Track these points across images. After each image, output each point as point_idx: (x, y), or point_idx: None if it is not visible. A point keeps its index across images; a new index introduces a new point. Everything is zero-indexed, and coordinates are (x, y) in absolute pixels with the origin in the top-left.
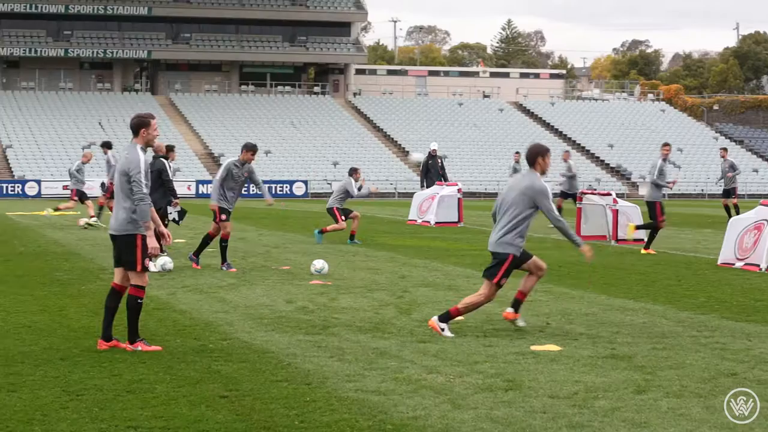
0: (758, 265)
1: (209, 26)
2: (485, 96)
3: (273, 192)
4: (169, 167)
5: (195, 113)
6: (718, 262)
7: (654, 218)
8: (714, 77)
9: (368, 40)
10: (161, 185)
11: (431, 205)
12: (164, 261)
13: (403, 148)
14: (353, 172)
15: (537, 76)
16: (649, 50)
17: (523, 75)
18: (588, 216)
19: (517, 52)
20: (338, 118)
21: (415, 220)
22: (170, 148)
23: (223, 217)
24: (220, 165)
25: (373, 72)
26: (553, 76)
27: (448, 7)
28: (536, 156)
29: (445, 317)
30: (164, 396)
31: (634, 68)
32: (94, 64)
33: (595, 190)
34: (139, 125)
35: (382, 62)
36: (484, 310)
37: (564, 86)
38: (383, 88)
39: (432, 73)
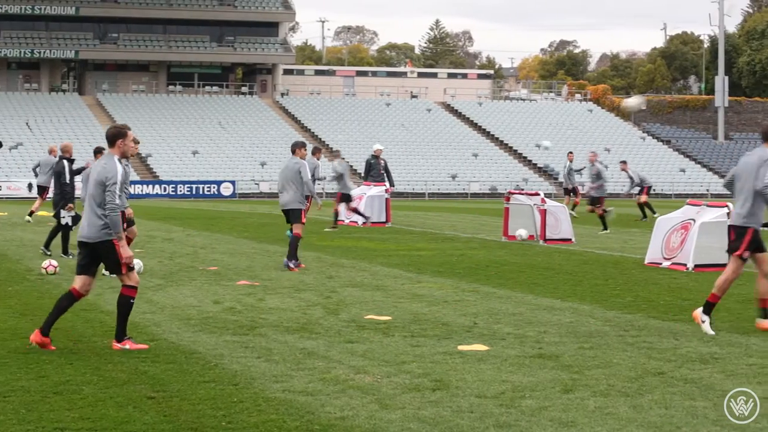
0: (685, 265)
1: (137, 26)
2: (413, 96)
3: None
4: (69, 170)
5: (122, 113)
6: (645, 262)
7: None
8: (641, 77)
9: (296, 40)
10: (59, 187)
11: (359, 206)
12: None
13: (331, 148)
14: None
15: (465, 76)
16: (576, 50)
17: (451, 75)
18: (516, 216)
19: (444, 53)
20: (266, 118)
21: (343, 221)
22: (98, 150)
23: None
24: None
25: (301, 72)
26: (480, 77)
27: (376, 8)
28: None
29: (708, 308)
30: (91, 397)
31: (561, 68)
32: (21, 64)
33: (523, 190)
34: (116, 136)
35: (309, 62)
36: (410, 309)
37: (492, 86)
38: (311, 88)
39: (360, 74)
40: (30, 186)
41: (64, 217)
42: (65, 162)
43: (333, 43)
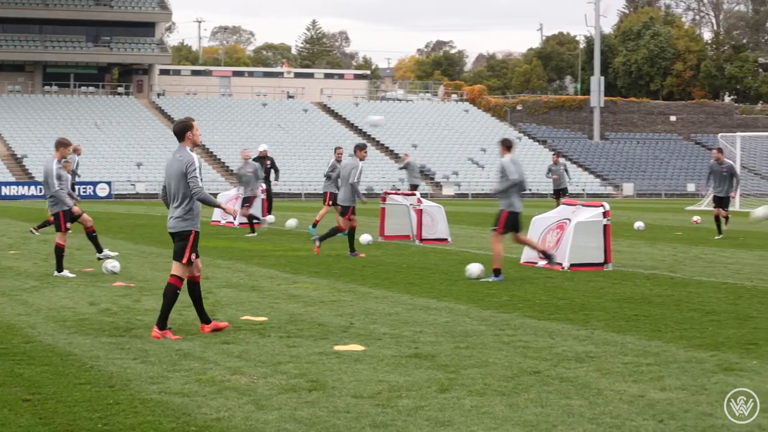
0: (561, 264)
1: (12, 26)
2: (289, 96)
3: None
4: None
5: None
6: (521, 261)
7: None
8: (517, 78)
9: (172, 40)
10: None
11: (235, 206)
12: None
13: (207, 148)
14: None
15: (341, 76)
16: (453, 51)
17: (328, 75)
18: (392, 215)
19: (321, 53)
20: (142, 118)
21: (219, 221)
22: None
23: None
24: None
25: (177, 72)
26: (357, 77)
27: (253, 8)
28: None
29: None
30: None
31: (438, 69)
32: None
33: (399, 190)
34: (185, 129)
35: (186, 63)
36: (287, 310)
37: (368, 87)
38: (187, 88)
39: (236, 74)
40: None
41: None
42: None
43: (209, 43)
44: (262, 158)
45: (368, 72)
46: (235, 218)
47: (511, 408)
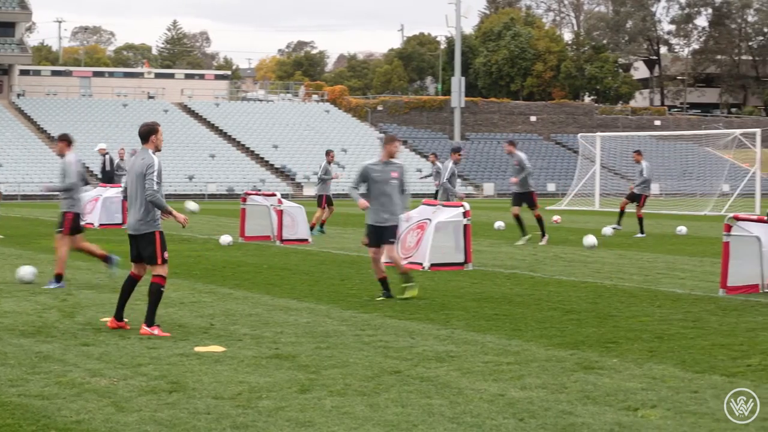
0: (421, 264)
1: None
2: (150, 97)
3: None
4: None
5: None
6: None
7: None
8: (378, 78)
9: (32, 40)
10: None
11: (95, 207)
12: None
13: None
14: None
15: (202, 77)
16: (314, 51)
17: (188, 76)
18: (252, 216)
19: (182, 53)
20: (2, 119)
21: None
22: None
23: None
24: None
25: (38, 73)
26: (218, 77)
27: (113, 8)
28: None
29: None
30: None
31: (299, 69)
32: None
33: (260, 190)
34: (150, 132)
35: (46, 63)
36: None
37: (229, 87)
38: (47, 89)
39: (96, 74)
40: None
41: None
42: None
43: (70, 43)
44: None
45: (229, 72)
46: (183, 226)
47: (372, 408)
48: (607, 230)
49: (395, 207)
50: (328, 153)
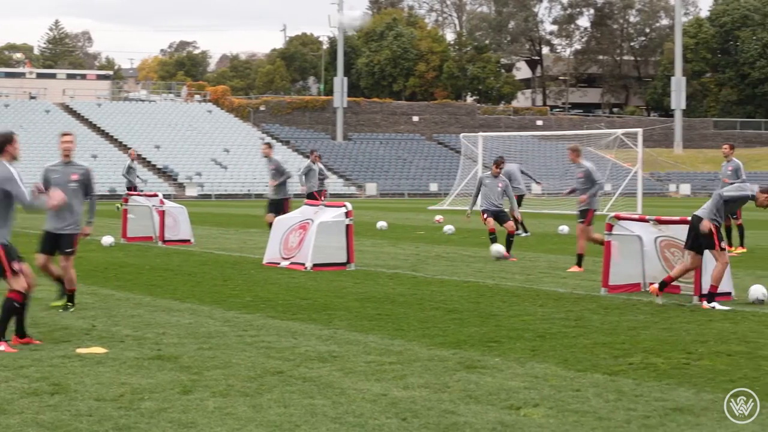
0: (303, 264)
1: None
2: (32, 97)
3: None
4: None
5: None
6: (264, 262)
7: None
8: (261, 78)
9: None
10: None
11: None
12: None
13: None
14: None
15: (84, 77)
16: (196, 51)
17: (70, 76)
18: (135, 217)
19: (64, 53)
20: None
21: None
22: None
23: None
24: None
25: None
26: (100, 77)
27: None
28: None
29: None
30: None
31: (181, 69)
32: None
33: (142, 191)
34: (4, 142)
35: None
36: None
37: (111, 87)
38: None
39: None
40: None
41: None
42: None
43: None
44: None
45: (111, 72)
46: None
47: (255, 408)
48: (563, 228)
49: (74, 215)
50: (312, 153)
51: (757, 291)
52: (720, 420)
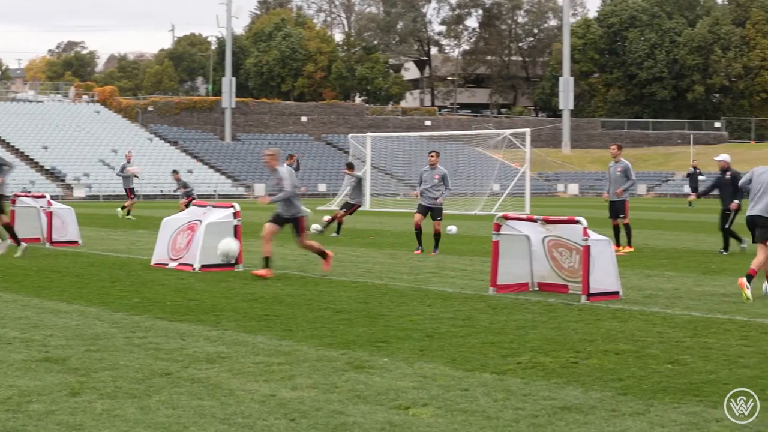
0: (191, 265)
1: None
2: None
3: None
4: None
5: None
6: (152, 263)
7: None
8: (149, 79)
9: None
10: None
11: None
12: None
13: None
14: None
15: None
16: (84, 52)
17: None
18: (22, 218)
19: None
20: None
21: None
22: None
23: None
24: None
25: None
26: None
27: None
28: None
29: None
30: None
31: (69, 70)
32: None
33: (30, 192)
34: None
35: None
36: None
37: None
38: None
39: None
40: None
41: None
42: None
43: None
44: None
45: None
46: None
47: (143, 410)
48: (452, 228)
49: None
50: (290, 156)
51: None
52: (608, 418)
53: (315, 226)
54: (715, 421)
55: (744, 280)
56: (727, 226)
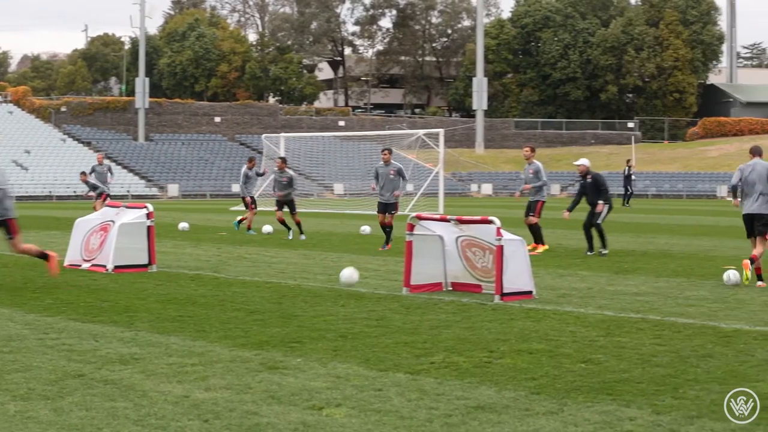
0: (105, 266)
1: None
2: None
3: None
4: None
5: None
6: (65, 264)
7: None
8: (62, 79)
9: None
10: None
11: None
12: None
13: None
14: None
15: None
16: None
17: None
18: None
19: None
20: None
21: None
22: None
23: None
24: None
25: None
26: None
27: None
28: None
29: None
30: None
31: None
32: None
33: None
34: None
35: None
36: None
37: None
38: None
39: None
40: None
41: None
42: None
43: None
44: None
45: None
46: None
47: (56, 412)
48: (365, 229)
49: None
50: (250, 160)
51: (734, 276)
52: (521, 417)
53: (266, 228)
54: (629, 419)
55: (747, 261)
56: (597, 221)
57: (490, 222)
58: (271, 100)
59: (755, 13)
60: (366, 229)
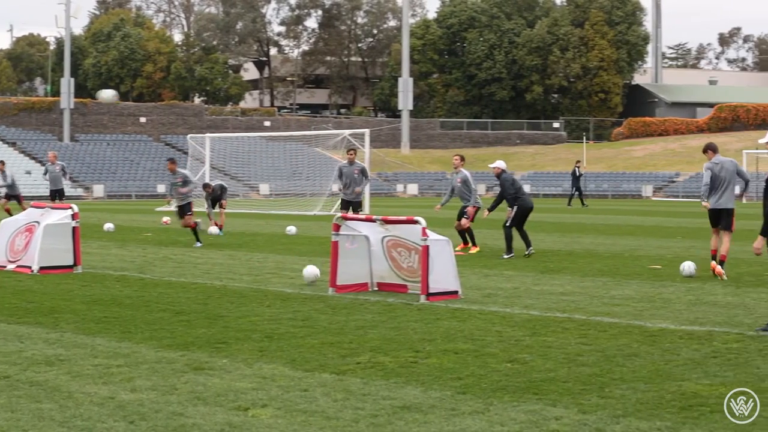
0: (30, 267)
1: None
2: None
3: None
4: None
5: None
6: None
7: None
8: None
9: None
10: None
11: None
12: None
13: None
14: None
15: None
16: None
17: None
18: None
19: None
20: None
21: None
22: None
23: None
24: None
25: None
26: None
27: None
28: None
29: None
30: None
31: None
32: None
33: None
34: None
35: None
36: None
37: None
38: None
39: None
40: None
41: None
42: None
43: None
44: None
45: None
46: None
47: None
48: (291, 229)
49: None
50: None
51: (689, 267)
52: (448, 417)
53: (212, 229)
54: (555, 419)
55: (719, 267)
56: (504, 224)
57: (416, 222)
58: (197, 100)
59: (680, 13)
60: (291, 229)
